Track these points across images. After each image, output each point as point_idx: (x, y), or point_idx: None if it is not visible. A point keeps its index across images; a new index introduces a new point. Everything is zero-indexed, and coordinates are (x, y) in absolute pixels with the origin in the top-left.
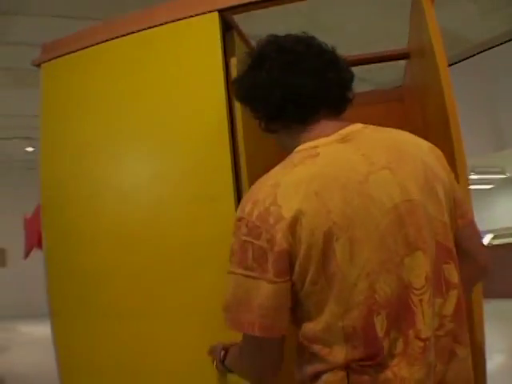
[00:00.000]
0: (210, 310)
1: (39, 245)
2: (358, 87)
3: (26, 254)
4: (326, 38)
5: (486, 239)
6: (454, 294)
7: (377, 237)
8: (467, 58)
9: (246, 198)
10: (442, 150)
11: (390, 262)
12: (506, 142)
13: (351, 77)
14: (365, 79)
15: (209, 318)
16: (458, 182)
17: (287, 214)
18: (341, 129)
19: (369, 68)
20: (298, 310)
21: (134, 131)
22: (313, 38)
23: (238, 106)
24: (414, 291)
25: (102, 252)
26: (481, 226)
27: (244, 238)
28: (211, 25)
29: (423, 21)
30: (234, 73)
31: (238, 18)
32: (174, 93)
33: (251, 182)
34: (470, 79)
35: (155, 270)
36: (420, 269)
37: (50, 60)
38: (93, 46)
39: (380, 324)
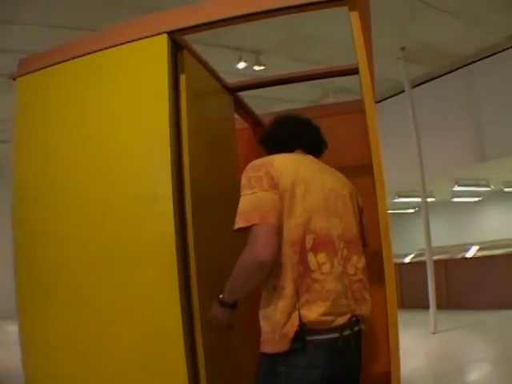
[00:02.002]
0: (150, 300)
1: None
2: (342, 97)
3: None
4: (311, 50)
5: (472, 251)
6: (363, 257)
7: (321, 194)
8: (451, 71)
9: (250, 164)
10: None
11: (324, 210)
12: (488, 154)
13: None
14: (348, 89)
15: (149, 307)
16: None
17: (277, 165)
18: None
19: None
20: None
21: (90, 139)
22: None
23: (183, 117)
24: (334, 236)
25: (60, 247)
26: (467, 237)
27: (250, 175)
28: (160, 45)
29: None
30: (183, 88)
31: (219, 30)
32: (124, 106)
33: (193, 185)
34: (453, 92)
35: (103, 263)
36: (337, 227)
37: (23, 75)
38: (58, 63)
39: (308, 241)
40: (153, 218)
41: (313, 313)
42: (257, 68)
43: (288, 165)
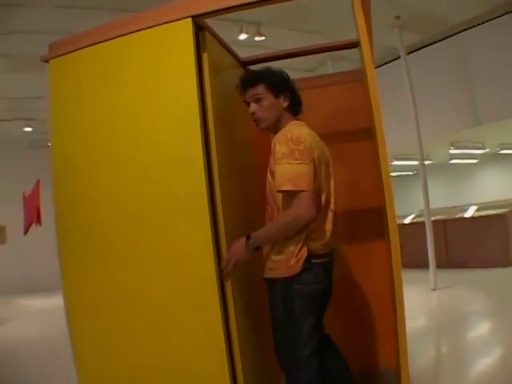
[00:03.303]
0: (185, 258)
1: (38, 221)
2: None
3: (26, 230)
4: (310, 20)
5: (470, 211)
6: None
7: (326, 164)
8: (444, 38)
9: (286, 132)
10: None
11: (326, 176)
12: (482, 118)
13: None
14: (344, 57)
15: (184, 264)
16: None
17: (309, 140)
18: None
19: None
20: None
21: (125, 115)
22: None
23: (207, 90)
24: (331, 193)
25: (102, 211)
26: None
27: (292, 147)
28: (185, 28)
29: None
30: (205, 65)
31: None
32: (155, 82)
33: (219, 152)
34: (447, 59)
35: (143, 223)
36: (330, 187)
37: (55, 57)
38: (89, 46)
39: (323, 198)
40: (187, 180)
41: (316, 244)
42: (257, 39)
43: (312, 140)
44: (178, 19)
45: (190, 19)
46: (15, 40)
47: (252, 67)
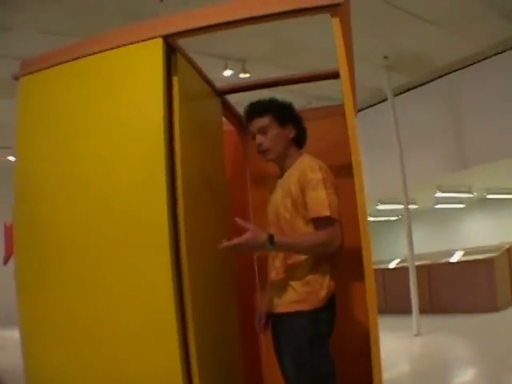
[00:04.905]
0: (144, 285)
1: None
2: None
3: (6, 260)
4: (296, 57)
5: (456, 256)
6: None
7: None
8: (432, 80)
9: (316, 161)
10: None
11: None
12: (469, 161)
13: None
14: (330, 97)
15: (144, 292)
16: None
17: (330, 173)
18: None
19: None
20: None
21: (88, 136)
22: None
23: (176, 116)
24: None
25: (59, 232)
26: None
27: (324, 175)
28: (155, 48)
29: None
30: (175, 89)
31: (207, 39)
32: (121, 105)
33: (184, 179)
34: (435, 101)
35: (100, 250)
36: None
37: (26, 75)
38: (58, 64)
39: None
40: (147, 209)
41: (335, 275)
42: (242, 75)
43: (329, 171)
44: (149, 38)
45: (160, 39)
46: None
47: (228, 97)
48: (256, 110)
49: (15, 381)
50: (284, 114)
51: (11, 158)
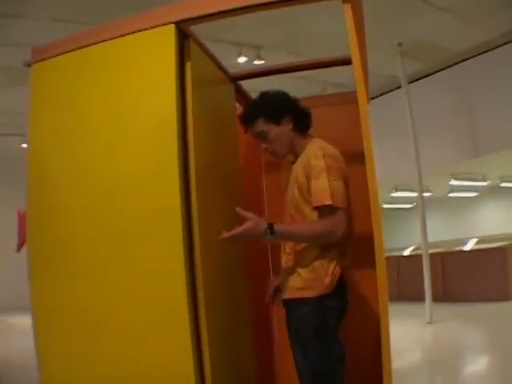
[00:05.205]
0: (156, 276)
1: None
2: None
3: (19, 247)
4: (309, 45)
5: (470, 244)
6: None
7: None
8: (446, 67)
9: (322, 147)
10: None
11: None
12: (483, 149)
13: None
14: (344, 85)
15: (155, 282)
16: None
17: (340, 158)
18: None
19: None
20: None
21: (101, 123)
22: None
23: (189, 102)
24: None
25: (72, 224)
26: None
27: (329, 162)
28: (168, 35)
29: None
30: (188, 75)
31: (221, 26)
32: (134, 91)
33: (197, 165)
34: (449, 88)
35: (113, 238)
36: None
37: (38, 61)
38: (71, 51)
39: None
40: (160, 197)
41: (345, 262)
42: (257, 62)
43: (342, 159)
44: (161, 25)
45: (173, 25)
46: (13, 52)
47: (242, 83)
48: (247, 118)
49: (12, 376)
50: (275, 111)
51: (25, 146)
